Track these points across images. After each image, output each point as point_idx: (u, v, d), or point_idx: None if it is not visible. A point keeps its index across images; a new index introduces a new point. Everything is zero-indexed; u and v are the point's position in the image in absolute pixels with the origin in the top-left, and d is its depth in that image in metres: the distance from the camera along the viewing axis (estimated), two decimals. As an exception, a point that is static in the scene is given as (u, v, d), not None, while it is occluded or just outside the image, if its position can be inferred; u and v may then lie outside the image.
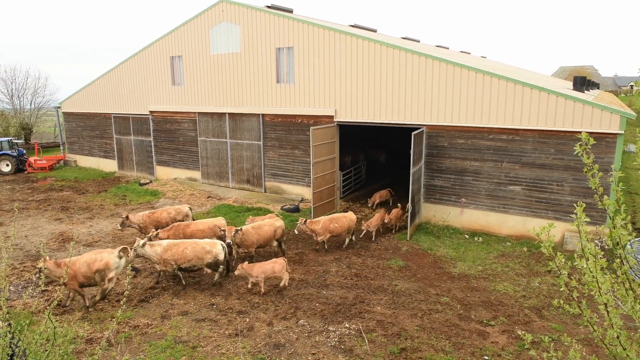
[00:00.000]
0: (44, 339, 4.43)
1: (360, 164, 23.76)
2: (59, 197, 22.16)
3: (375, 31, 26.42)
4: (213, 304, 10.82)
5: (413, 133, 14.87)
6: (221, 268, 11.80)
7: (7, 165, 28.68)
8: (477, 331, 9.54)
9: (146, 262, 12.87)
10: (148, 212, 15.26)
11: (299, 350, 8.84)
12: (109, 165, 29.02)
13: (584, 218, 3.74)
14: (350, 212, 15.17)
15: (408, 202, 15.49)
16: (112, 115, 27.91)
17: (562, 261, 3.93)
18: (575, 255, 3.88)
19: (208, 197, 21.47)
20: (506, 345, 9.03)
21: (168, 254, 11.42)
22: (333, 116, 18.63)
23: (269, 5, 20.75)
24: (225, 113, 22.22)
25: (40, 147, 33.77)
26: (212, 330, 9.63)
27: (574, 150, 3.95)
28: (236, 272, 11.34)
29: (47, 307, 8.44)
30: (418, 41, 33.61)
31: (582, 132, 3.94)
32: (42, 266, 10.57)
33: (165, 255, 11.42)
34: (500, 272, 12.64)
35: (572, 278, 4.10)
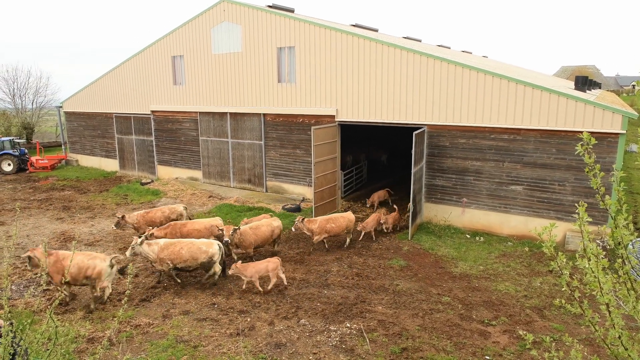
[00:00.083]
0: (46, 338, 4.44)
1: (361, 164, 23.77)
2: (61, 197, 22.20)
3: (376, 31, 26.40)
4: (214, 304, 10.83)
5: (414, 133, 14.87)
6: (212, 270, 11.74)
7: (9, 164, 28.74)
8: (479, 331, 9.53)
9: (147, 262, 12.87)
10: (143, 212, 15.20)
11: (300, 349, 8.85)
12: (111, 164, 29.07)
13: (586, 218, 3.74)
14: (348, 212, 15.14)
15: (409, 202, 15.48)
16: (114, 114, 27.95)
17: (564, 261, 3.92)
18: (576, 255, 3.88)
19: (209, 197, 21.49)
20: (507, 345, 9.02)
21: (164, 253, 11.41)
22: (334, 116, 18.63)
23: (270, 4, 20.76)
24: (226, 113, 22.24)
25: (41, 147, 33.82)
26: (214, 329, 9.64)
27: (576, 150, 3.94)
28: (230, 272, 11.33)
29: (49, 307, 8.46)
30: (419, 41, 33.59)
31: (584, 132, 3.94)
32: (32, 254, 10.71)
33: (161, 254, 11.42)
34: (501, 272, 12.63)
35: (574, 278, 4.09)
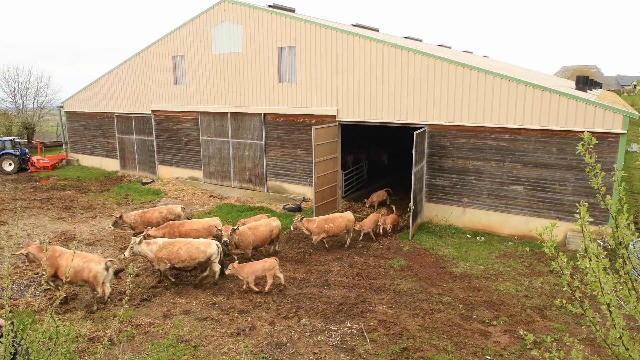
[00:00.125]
0: (47, 338, 4.45)
1: (362, 164, 23.77)
2: (62, 196, 22.22)
3: (377, 30, 26.39)
4: (215, 303, 10.84)
5: (415, 132, 14.86)
6: (208, 271, 11.74)
7: (10, 164, 28.76)
8: (479, 331, 9.53)
9: (148, 262, 12.87)
10: (140, 212, 15.16)
11: (301, 349, 8.85)
12: (112, 164, 29.09)
13: (587, 218, 3.73)
14: (347, 213, 15.12)
15: (410, 202, 15.47)
16: (115, 114, 27.97)
17: (565, 261, 3.92)
18: (577, 255, 3.88)
19: (210, 197, 21.50)
20: (508, 345, 9.02)
21: (163, 253, 11.40)
22: (335, 115, 18.63)
23: (271, 4, 20.76)
24: (227, 112, 22.24)
25: (42, 147, 33.86)
26: (214, 329, 9.65)
27: (577, 149, 3.94)
28: (227, 272, 11.34)
29: (50, 306, 8.46)
30: (420, 40, 33.57)
31: (585, 132, 3.94)
32: (27, 251, 10.83)
33: (159, 253, 11.41)
34: (502, 272, 12.62)
35: (575, 278, 4.09)
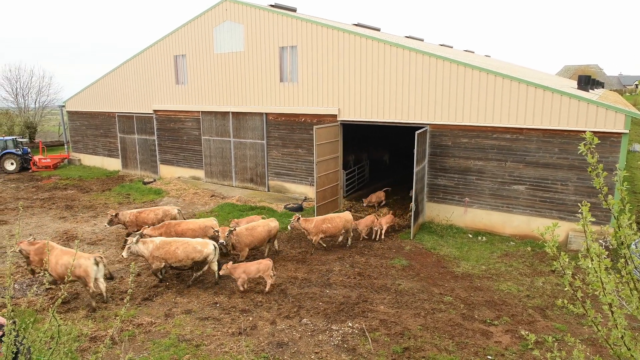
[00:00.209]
0: (49, 337, 4.46)
1: (363, 163, 23.76)
2: (63, 196, 22.26)
3: (378, 30, 26.37)
4: (216, 303, 10.85)
5: (416, 132, 14.85)
6: (202, 271, 11.76)
7: (12, 163, 28.83)
8: (481, 331, 9.52)
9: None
10: (136, 212, 15.13)
11: (302, 349, 8.85)
12: (113, 164, 29.13)
13: (589, 218, 3.73)
14: (346, 212, 15.09)
15: (411, 202, 15.46)
16: (116, 114, 28.01)
17: (566, 261, 3.91)
18: (579, 255, 3.87)
19: (211, 196, 21.52)
20: (509, 345, 9.01)
21: (159, 252, 11.38)
22: (336, 115, 18.62)
23: (273, 4, 20.75)
24: (228, 112, 22.25)
25: (44, 146, 33.92)
26: (216, 328, 9.66)
27: (579, 149, 3.93)
28: (221, 272, 11.31)
29: (52, 305, 8.48)
30: (422, 40, 33.54)
31: (587, 132, 3.93)
32: (20, 248, 10.90)
33: (156, 252, 11.38)
34: (503, 272, 12.61)
35: (576, 278, 4.08)
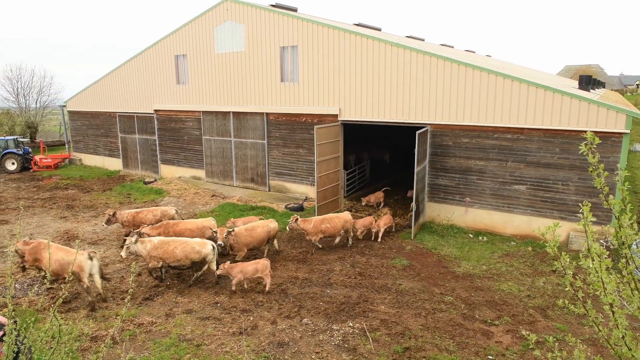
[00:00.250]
0: (50, 337, 4.46)
1: (364, 163, 23.76)
2: (64, 196, 22.28)
3: (379, 30, 26.36)
4: (217, 302, 10.85)
5: (417, 132, 14.85)
6: (203, 271, 11.78)
7: (13, 163, 28.86)
8: (481, 331, 9.52)
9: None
10: (134, 211, 15.13)
11: (303, 349, 8.85)
12: (114, 163, 29.15)
13: (590, 218, 3.72)
14: (345, 213, 15.07)
15: (412, 202, 15.46)
16: (117, 114, 28.03)
17: (567, 261, 3.91)
18: (580, 255, 3.87)
19: (212, 196, 21.53)
20: (510, 345, 9.00)
21: (157, 252, 11.37)
22: (337, 115, 18.62)
23: (274, 4, 20.75)
24: (229, 112, 22.26)
25: (45, 146, 33.96)
26: (216, 328, 9.66)
27: (579, 149, 3.93)
28: (218, 272, 11.31)
29: (53, 305, 8.49)
30: (422, 40, 33.53)
31: (588, 132, 3.92)
32: (16, 248, 10.96)
33: (154, 252, 11.37)
34: (504, 272, 12.60)
35: (577, 278, 4.08)
